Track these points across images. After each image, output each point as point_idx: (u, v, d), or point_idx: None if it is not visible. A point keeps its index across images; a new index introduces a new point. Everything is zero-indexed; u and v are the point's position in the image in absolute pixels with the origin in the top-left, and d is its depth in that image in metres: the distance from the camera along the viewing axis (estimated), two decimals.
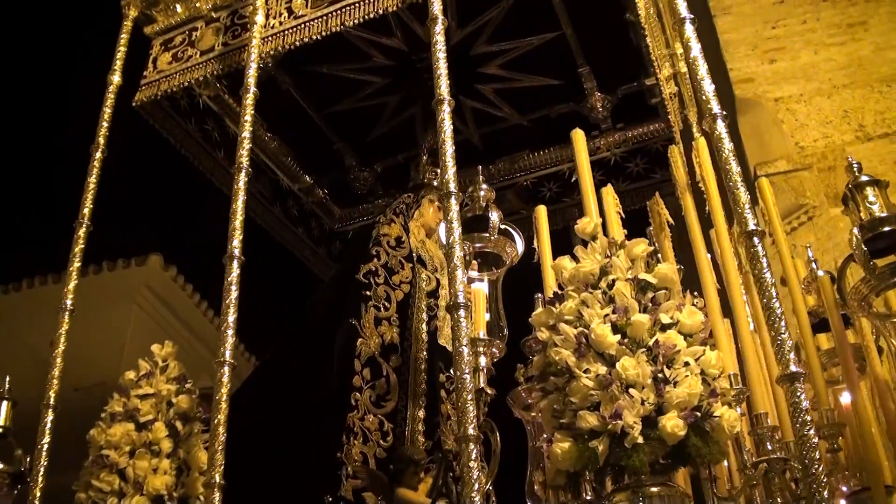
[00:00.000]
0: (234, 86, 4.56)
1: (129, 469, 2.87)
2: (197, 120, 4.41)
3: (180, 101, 4.30)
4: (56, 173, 6.80)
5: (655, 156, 4.80)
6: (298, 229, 5.05)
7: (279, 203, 4.93)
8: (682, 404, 2.23)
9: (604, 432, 2.24)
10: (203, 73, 3.88)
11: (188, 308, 9.29)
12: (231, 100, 4.58)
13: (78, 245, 3.52)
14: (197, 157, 4.37)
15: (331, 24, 3.68)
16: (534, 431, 2.91)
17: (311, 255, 5.16)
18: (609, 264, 2.50)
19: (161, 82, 3.95)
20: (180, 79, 3.92)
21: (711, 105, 2.67)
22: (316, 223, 5.24)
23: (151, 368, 3.16)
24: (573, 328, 2.40)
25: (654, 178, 4.74)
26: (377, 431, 3.20)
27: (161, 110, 4.17)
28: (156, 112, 4.15)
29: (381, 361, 3.35)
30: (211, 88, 4.47)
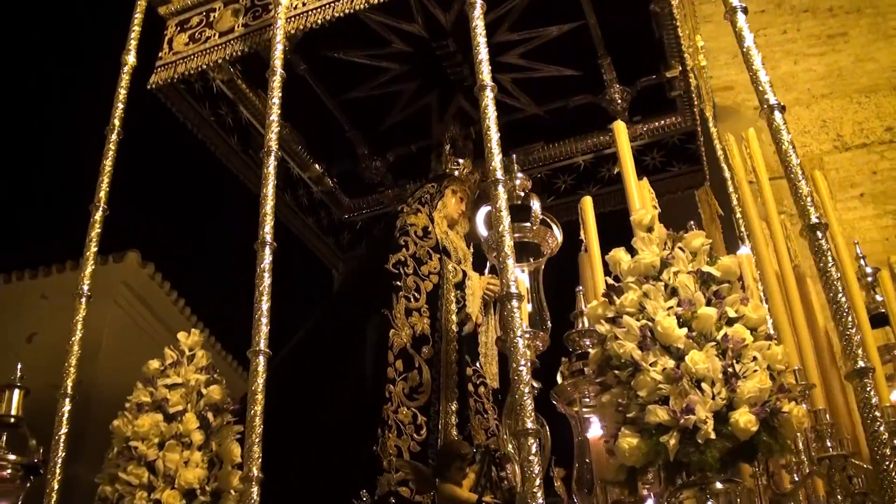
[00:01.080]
0: (248, 70, 4.45)
1: (160, 462, 2.76)
2: (211, 104, 4.28)
3: (195, 84, 4.17)
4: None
5: (672, 149, 4.77)
6: (308, 218, 4.95)
7: (290, 191, 4.82)
8: (753, 399, 2.18)
9: (674, 427, 2.19)
10: (223, 54, 3.76)
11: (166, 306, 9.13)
12: (244, 85, 4.46)
13: (94, 229, 3.40)
14: (213, 143, 4.25)
15: (355, 3, 3.58)
16: (578, 426, 2.85)
17: (321, 244, 5.05)
18: (671, 256, 2.45)
19: (178, 64, 3.82)
20: (199, 60, 3.79)
21: (768, 96, 2.62)
22: (325, 213, 5.14)
23: (178, 357, 3.05)
24: (636, 321, 2.35)
25: (671, 171, 4.71)
26: (411, 425, 3.11)
27: (176, 93, 4.04)
28: (172, 95, 4.02)
29: (414, 353, 3.27)
30: (224, 72, 4.34)
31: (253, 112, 4.54)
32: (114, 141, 3.56)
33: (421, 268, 3.53)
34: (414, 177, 5.17)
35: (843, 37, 6.25)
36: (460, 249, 3.83)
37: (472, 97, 4.71)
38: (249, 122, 4.55)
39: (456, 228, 3.99)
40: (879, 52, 6.11)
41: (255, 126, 4.59)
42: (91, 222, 3.40)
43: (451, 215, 3.96)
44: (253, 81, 4.50)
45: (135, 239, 8.04)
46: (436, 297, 3.49)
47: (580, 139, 4.91)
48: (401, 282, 3.42)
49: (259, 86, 4.55)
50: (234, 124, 4.44)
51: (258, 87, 4.54)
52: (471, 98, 4.74)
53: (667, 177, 4.69)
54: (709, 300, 2.36)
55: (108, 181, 3.50)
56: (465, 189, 4.07)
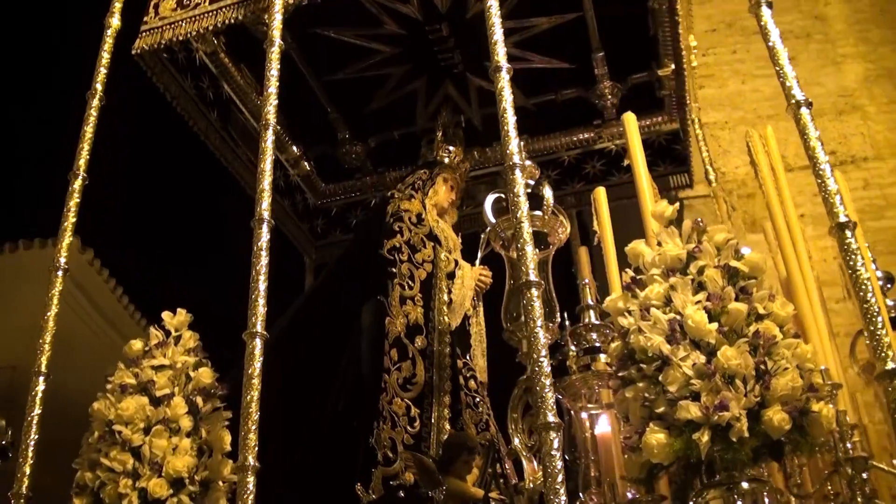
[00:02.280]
0: (232, 43, 4.28)
1: (146, 448, 2.59)
2: (193, 77, 4.09)
3: (178, 54, 3.98)
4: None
5: (658, 149, 4.74)
6: (284, 201, 4.78)
7: None
8: (785, 398, 2.13)
9: (705, 424, 2.12)
10: (213, 22, 3.56)
11: (104, 294, 8.84)
12: (227, 59, 4.28)
13: (73, 198, 3.21)
14: (192, 118, 4.05)
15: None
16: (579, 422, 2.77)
17: (295, 229, 4.89)
18: (696, 249, 2.38)
19: (164, 30, 3.63)
20: (187, 27, 3.60)
21: (794, 92, 2.59)
22: (300, 197, 4.98)
23: (164, 338, 2.88)
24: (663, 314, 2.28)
25: (657, 170, 4.67)
26: (404, 416, 3.00)
27: (159, 62, 3.84)
28: (154, 64, 3.82)
29: (407, 343, 3.15)
30: (208, 44, 4.16)
31: (234, 87, 4.37)
32: (95, 106, 3.37)
33: (415, 255, 3.41)
34: (393, 164, 5.05)
35: (793, 60, 6.28)
36: (451, 238, 3.73)
37: (461, 85, 4.67)
38: (230, 97, 4.37)
39: (445, 217, 3.89)
40: (827, 78, 6.23)
41: (236, 102, 4.42)
42: (69, 191, 3.21)
43: (441, 203, 3.85)
44: (236, 56, 4.33)
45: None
46: (429, 285, 3.37)
47: (565, 134, 4.85)
48: (396, 268, 3.30)
49: (242, 60, 4.38)
50: (214, 99, 4.25)
51: (241, 61, 4.38)
52: (460, 86, 4.67)
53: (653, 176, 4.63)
54: (736, 296, 2.31)
55: (89, 148, 3.31)
56: (456, 178, 3.97)
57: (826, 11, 6.53)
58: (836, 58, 6.35)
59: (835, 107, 5.96)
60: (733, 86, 6.50)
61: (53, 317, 3.01)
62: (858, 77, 6.10)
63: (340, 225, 5.06)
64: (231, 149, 4.33)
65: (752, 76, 6.25)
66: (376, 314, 3.14)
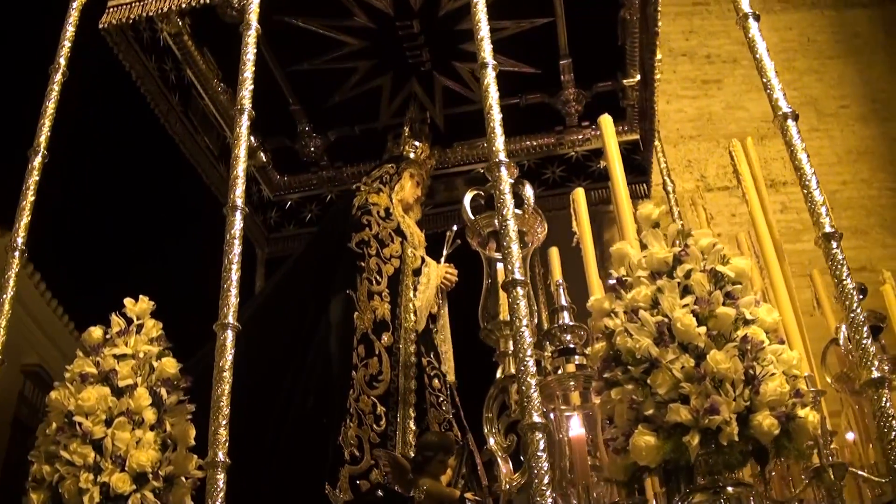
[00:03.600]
0: (196, 25, 4.15)
1: (108, 440, 2.47)
2: (156, 58, 3.95)
3: (143, 33, 3.83)
4: None
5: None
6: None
7: (225, 161, 4.51)
8: (773, 403, 2.15)
9: (693, 427, 2.12)
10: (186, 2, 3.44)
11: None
12: (190, 42, 4.15)
13: (32, 176, 3.05)
14: (154, 100, 3.91)
15: None
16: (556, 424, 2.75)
17: (249, 221, 4.74)
18: (683, 253, 2.39)
19: (133, 6, 3.48)
20: (158, 5, 3.46)
21: (781, 105, 2.63)
22: (256, 188, 4.86)
23: (125, 326, 2.75)
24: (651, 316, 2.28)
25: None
26: (370, 414, 2.93)
27: (125, 40, 3.70)
28: (120, 41, 3.67)
29: (374, 339, 3.08)
30: (172, 25, 4.02)
31: (196, 72, 4.24)
32: (58, 81, 3.22)
33: (383, 250, 3.35)
34: (351, 160, 4.98)
35: (718, 83, 6.50)
36: (416, 235, 3.68)
37: (426, 83, 4.62)
38: (192, 81, 4.23)
39: (410, 213, 3.83)
40: (751, 102, 6.36)
41: (197, 87, 4.28)
42: (29, 168, 3.05)
43: (406, 199, 3.80)
44: (199, 39, 4.20)
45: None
46: (396, 282, 3.32)
47: (527, 138, 4.85)
48: (364, 262, 3.24)
49: (205, 44, 4.25)
50: (176, 82, 4.11)
51: (203, 45, 4.25)
52: (425, 84, 4.62)
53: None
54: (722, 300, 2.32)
55: (50, 124, 3.16)
56: (422, 174, 3.92)
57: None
58: (761, 84, 6.52)
59: (758, 131, 6.07)
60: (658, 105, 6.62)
61: (10, 300, 2.86)
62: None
63: (294, 219, 4.96)
64: (190, 134, 4.20)
65: (678, 97, 6.36)
66: (345, 309, 3.07)
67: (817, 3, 6.61)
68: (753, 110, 6.31)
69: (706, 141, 6.17)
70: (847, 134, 5.88)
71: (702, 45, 6.57)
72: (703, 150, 6.14)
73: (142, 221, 5.66)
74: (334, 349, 2.98)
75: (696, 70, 6.46)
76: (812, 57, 6.37)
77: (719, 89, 6.44)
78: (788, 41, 6.51)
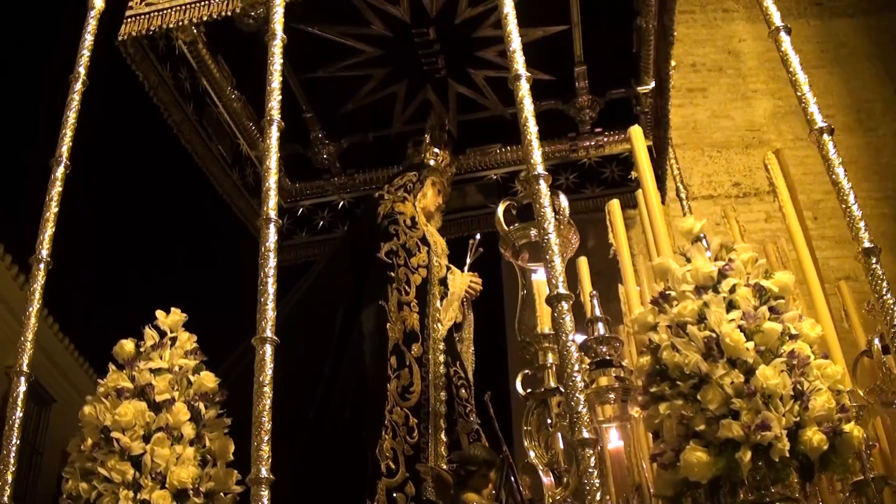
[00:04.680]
0: (212, 34, 4.11)
1: (147, 457, 2.44)
2: (171, 67, 3.91)
3: (158, 41, 3.80)
4: None
5: (631, 164, 4.77)
6: (253, 200, 4.62)
7: (238, 169, 4.49)
8: (821, 418, 2.16)
9: (744, 443, 2.13)
10: (207, 12, 3.37)
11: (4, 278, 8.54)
12: (205, 50, 4.11)
13: (55, 187, 3.01)
14: (168, 109, 3.87)
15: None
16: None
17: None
18: (728, 267, 2.40)
19: (152, 17, 3.45)
20: (177, 16, 3.42)
21: (816, 119, 2.63)
22: None
23: (158, 338, 2.72)
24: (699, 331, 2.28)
25: (630, 185, 4.71)
26: (403, 426, 2.91)
27: (140, 50, 3.66)
28: (135, 52, 3.63)
29: (405, 350, 3.07)
30: (188, 33, 3.98)
31: (210, 80, 4.21)
32: (78, 90, 3.18)
33: (411, 259, 3.33)
34: (362, 166, 4.96)
35: (703, 92, 6.52)
36: (439, 243, 3.66)
37: (441, 90, 4.61)
38: (206, 90, 4.20)
39: (431, 222, 3.82)
40: (736, 111, 6.38)
41: (211, 95, 4.26)
42: (52, 180, 3.01)
43: (428, 207, 3.78)
44: (214, 47, 4.17)
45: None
46: (424, 291, 3.30)
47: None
48: (394, 272, 3.21)
49: (220, 52, 4.23)
50: (191, 91, 4.08)
51: (218, 53, 4.22)
52: (440, 91, 4.61)
53: (626, 191, 4.68)
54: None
55: (72, 134, 3.12)
56: (444, 181, 3.90)
57: (740, 47, 6.69)
58: (747, 93, 6.53)
59: (742, 140, 6.11)
60: None
61: (36, 312, 2.82)
62: (767, 113, 6.26)
63: (307, 226, 4.94)
64: (204, 143, 4.17)
65: None
66: (378, 319, 3.04)
67: (803, 13, 6.64)
68: (738, 119, 6.33)
69: (691, 150, 6.18)
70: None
71: (687, 53, 6.57)
72: (688, 159, 6.15)
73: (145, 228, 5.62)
74: (369, 360, 2.95)
75: (682, 78, 6.43)
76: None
77: (704, 98, 6.46)
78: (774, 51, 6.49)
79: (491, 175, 4.92)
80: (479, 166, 4.90)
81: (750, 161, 5.97)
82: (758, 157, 5.89)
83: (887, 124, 5.85)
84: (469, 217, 4.85)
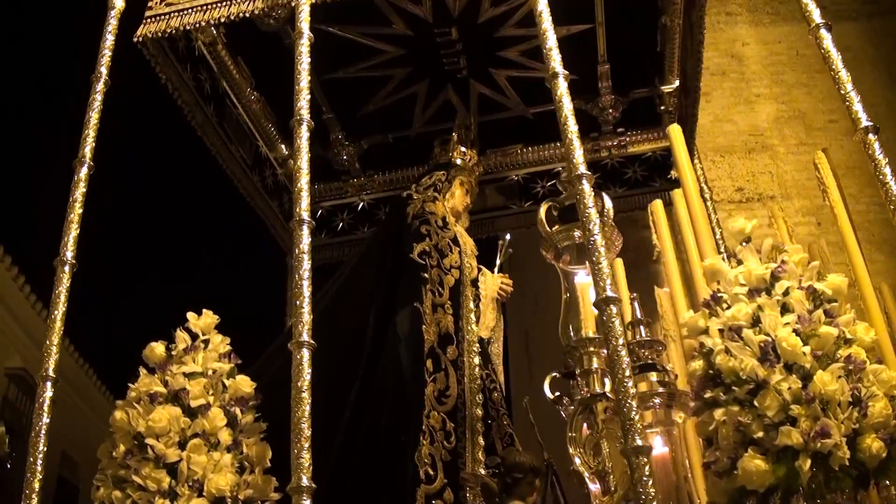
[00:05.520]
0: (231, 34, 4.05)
1: (183, 464, 2.37)
2: (192, 68, 3.85)
3: (179, 42, 3.74)
4: None
5: (654, 164, 4.73)
6: (273, 202, 4.57)
7: (258, 171, 4.43)
8: (879, 425, 2.11)
9: (802, 451, 2.08)
10: (227, 13, 3.33)
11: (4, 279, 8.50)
12: (224, 52, 4.05)
13: (79, 188, 2.95)
14: (190, 111, 3.81)
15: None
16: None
17: (282, 229, 4.68)
18: (780, 269, 2.34)
19: (171, 17, 3.39)
20: (197, 17, 3.37)
21: (861, 118, 2.58)
22: (287, 197, 4.77)
23: (190, 342, 2.65)
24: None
25: (653, 185, 4.66)
26: (441, 431, 2.85)
27: (161, 51, 3.60)
28: (157, 52, 3.57)
29: (440, 353, 3.00)
30: (207, 34, 3.92)
31: (230, 82, 4.15)
32: (100, 90, 3.12)
33: (443, 260, 3.27)
34: (382, 168, 4.91)
35: (706, 96, 6.44)
36: (469, 244, 3.59)
37: (462, 90, 4.55)
38: (226, 91, 4.14)
39: (459, 222, 3.76)
40: (739, 115, 6.33)
41: (231, 97, 4.20)
42: (75, 181, 2.95)
43: (456, 207, 3.72)
44: (234, 47, 4.11)
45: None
46: (457, 293, 3.23)
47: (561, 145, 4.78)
48: (427, 274, 3.15)
49: (239, 53, 4.17)
50: (211, 92, 4.02)
51: (238, 53, 4.16)
52: (461, 91, 4.55)
53: (648, 191, 4.64)
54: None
55: (95, 135, 3.06)
56: (472, 181, 3.84)
57: (743, 51, 6.64)
58: (750, 97, 6.48)
59: (745, 145, 6.06)
60: None
61: (62, 316, 2.76)
62: (770, 117, 6.22)
63: (326, 227, 4.87)
64: (225, 145, 4.11)
65: None
66: (413, 322, 2.97)
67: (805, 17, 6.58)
68: (741, 123, 6.28)
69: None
70: (836, 148, 5.77)
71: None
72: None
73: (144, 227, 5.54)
74: (406, 364, 2.88)
75: None
76: (801, 70, 6.33)
77: (707, 102, 6.39)
78: (777, 54, 6.48)
79: (511, 176, 4.85)
80: (500, 167, 4.84)
81: (753, 166, 5.92)
82: (761, 161, 5.85)
83: (891, 129, 5.76)
84: (490, 218, 4.79)
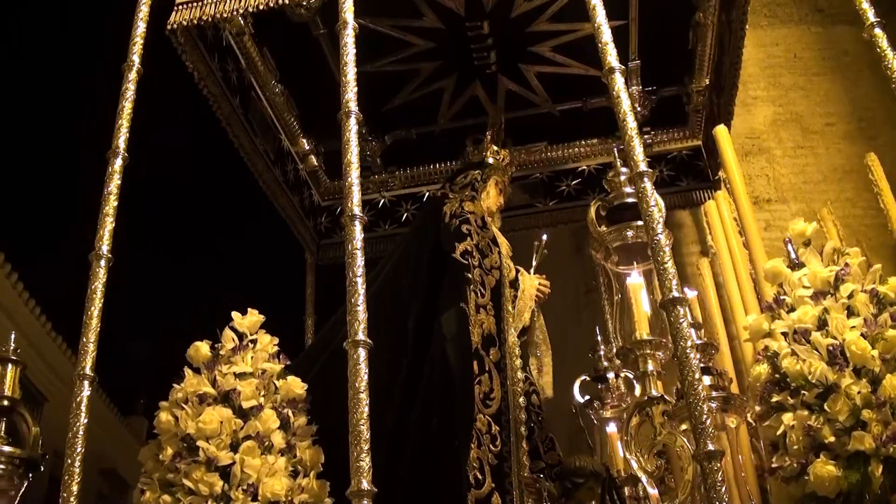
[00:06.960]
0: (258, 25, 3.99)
1: (237, 467, 2.32)
2: (219, 58, 3.78)
3: (208, 32, 3.66)
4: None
5: (681, 164, 4.70)
6: (294, 197, 4.50)
7: (280, 165, 4.36)
8: None
9: (874, 456, 2.05)
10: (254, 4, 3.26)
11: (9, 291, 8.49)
12: (250, 42, 3.98)
13: (114, 180, 2.87)
14: (216, 102, 3.74)
15: None
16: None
17: (301, 226, 4.61)
18: (844, 272, 2.31)
19: (206, 4, 3.32)
20: (232, 5, 3.30)
21: None
22: (308, 193, 4.71)
23: (237, 342, 2.59)
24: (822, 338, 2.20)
25: (680, 185, 4.63)
26: (487, 434, 2.79)
27: (190, 40, 3.52)
28: (186, 41, 3.49)
29: (483, 354, 2.94)
30: (235, 24, 3.85)
31: (255, 74, 4.08)
32: (133, 79, 3.05)
33: (484, 260, 3.21)
34: (403, 163, 4.85)
35: None
36: (505, 244, 3.53)
37: (489, 86, 4.50)
38: (251, 83, 4.08)
39: (494, 223, 3.70)
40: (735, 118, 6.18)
41: (256, 88, 4.13)
42: (109, 172, 2.87)
43: (490, 207, 3.65)
44: (261, 39, 4.04)
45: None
46: (498, 293, 3.17)
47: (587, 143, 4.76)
48: (470, 274, 3.09)
49: (265, 44, 4.10)
50: (237, 84, 3.95)
51: (264, 45, 4.09)
52: (488, 87, 4.50)
53: (675, 191, 4.60)
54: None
55: (128, 125, 2.98)
56: (505, 181, 3.78)
57: None
58: (747, 99, 6.40)
59: (742, 147, 6.00)
60: None
61: (98, 313, 2.67)
62: (767, 120, 6.16)
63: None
64: (250, 138, 4.04)
65: None
66: (460, 323, 2.90)
67: (804, 20, 6.51)
68: (738, 126, 6.16)
69: None
70: (833, 152, 5.76)
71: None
72: None
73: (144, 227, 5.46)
74: (455, 365, 2.82)
75: None
76: (798, 73, 6.28)
77: None
78: (775, 57, 6.41)
79: (536, 174, 4.81)
80: (525, 165, 4.79)
81: (749, 169, 5.85)
82: (757, 164, 5.81)
83: (888, 133, 5.74)
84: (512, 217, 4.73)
